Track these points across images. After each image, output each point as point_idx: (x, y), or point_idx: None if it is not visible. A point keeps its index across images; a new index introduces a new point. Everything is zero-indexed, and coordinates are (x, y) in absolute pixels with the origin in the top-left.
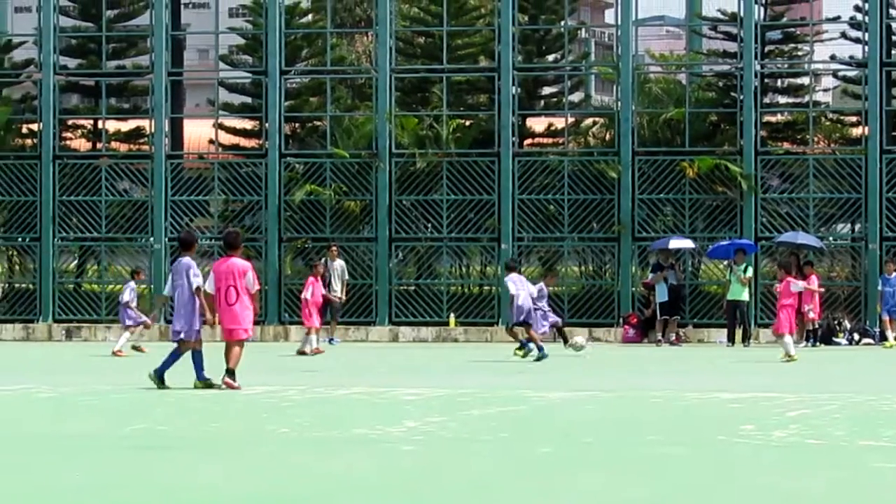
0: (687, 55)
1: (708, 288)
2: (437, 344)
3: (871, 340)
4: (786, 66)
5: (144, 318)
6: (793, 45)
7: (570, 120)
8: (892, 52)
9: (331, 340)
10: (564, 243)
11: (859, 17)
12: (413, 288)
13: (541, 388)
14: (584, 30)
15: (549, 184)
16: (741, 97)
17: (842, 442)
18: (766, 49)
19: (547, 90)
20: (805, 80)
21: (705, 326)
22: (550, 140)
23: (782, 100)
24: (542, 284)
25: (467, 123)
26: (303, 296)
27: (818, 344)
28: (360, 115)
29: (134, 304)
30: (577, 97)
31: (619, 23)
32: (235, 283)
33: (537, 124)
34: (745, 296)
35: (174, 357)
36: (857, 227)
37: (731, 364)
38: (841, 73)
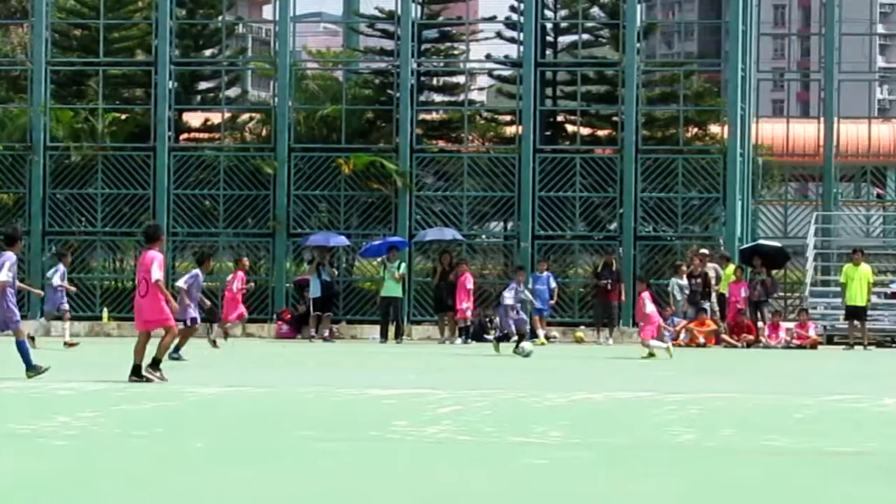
0: (344, 52)
1: (362, 284)
2: (90, 338)
3: None
4: (442, 64)
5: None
6: (449, 43)
7: (227, 115)
8: (547, 52)
9: None
10: (219, 238)
11: (514, 17)
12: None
13: (195, 383)
14: (241, 25)
15: (204, 179)
16: (397, 95)
17: (492, 438)
18: (423, 47)
19: (204, 85)
20: (461, 79)
21: (359, 323)
22: (207, 135)
23: (438, 98)
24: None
25: (123, 117)
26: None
27: (470, 341)
28: (15, 107)
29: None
30: (233, 92)
31: (277, 19)
32: (146, 275)
33: (194, 119)
34: (398, 292)
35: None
36: (510, 224)
37: (384, 360)
38: (496, 73)
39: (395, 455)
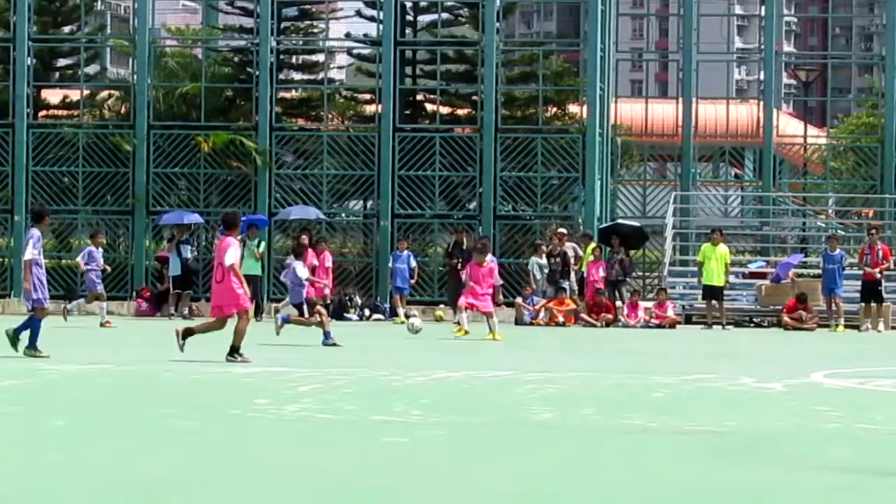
0: (203, 30)
1: None
2: None
3: (381, 316)
4: (301, 42)
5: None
6: (308, 22)
7: (86, 92)
8: (406, 31)
9: None
10: (78, 216)
11: None
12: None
13: (53, 360)
14: (100, 2)
15: (63, 156)
16: (257, 73)
17: (353, 416)
18: (283, 25)
19: (63, 62)
20: (320, 58)
21: None
22: (66, 112)
23: (297, 76)
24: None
25: None
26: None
27: (330, 319)
28: None
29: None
30: (93, 69)
31: None
32: (221, 260)
33: (52, 96)
34: (258, 270)
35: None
36: (370, 203)
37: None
38: (355, 51)
39: (255, 433)
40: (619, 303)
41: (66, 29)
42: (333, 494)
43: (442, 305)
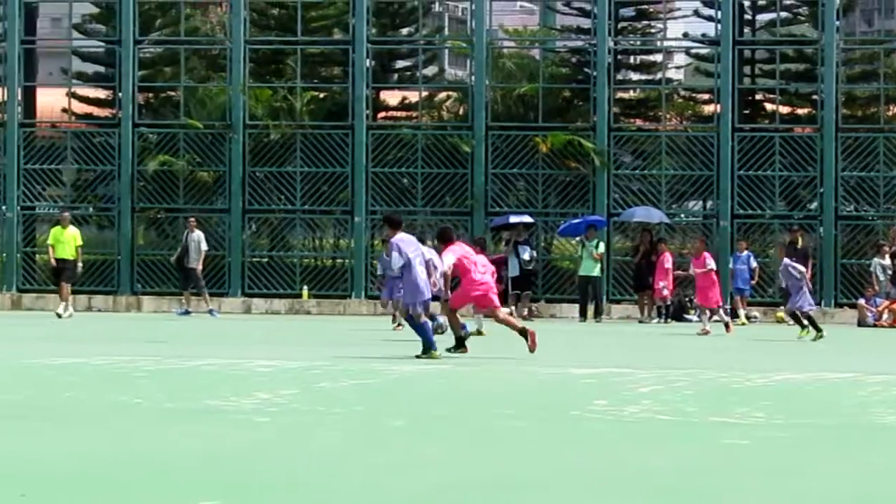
0: (540, 31)
1: (560, 263)
2: (289, 316)
3: (719, 318)
4: (639, 42)
5: None
6: (646, 22)
7: (424, 94)
8: (745, 30)
9: (211, 311)
10: (418, 217)
11: None
12: (266, 260)
13: (392, 361)
14: (438, 3)
15: (402, 157)
16: (594, 73)
17: (693, 418)
18: (620, 26)
19: (401, 63)
20: (658, 58)
21: (557, 301)
22: (404, 113)
23: (635, 76)
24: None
25: (321, 96)
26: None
27: (669, 320)
28: (214, 85)
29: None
30: (430, 71)
31: None
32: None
33: (391, 97)
34: (596, 271)
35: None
36: (709, 204)
37: (583, 339)
38: (693, 51)
39: (594, 434)
40: None
41: (404, 31)
42: (673, 495)
43: (782, 307)
